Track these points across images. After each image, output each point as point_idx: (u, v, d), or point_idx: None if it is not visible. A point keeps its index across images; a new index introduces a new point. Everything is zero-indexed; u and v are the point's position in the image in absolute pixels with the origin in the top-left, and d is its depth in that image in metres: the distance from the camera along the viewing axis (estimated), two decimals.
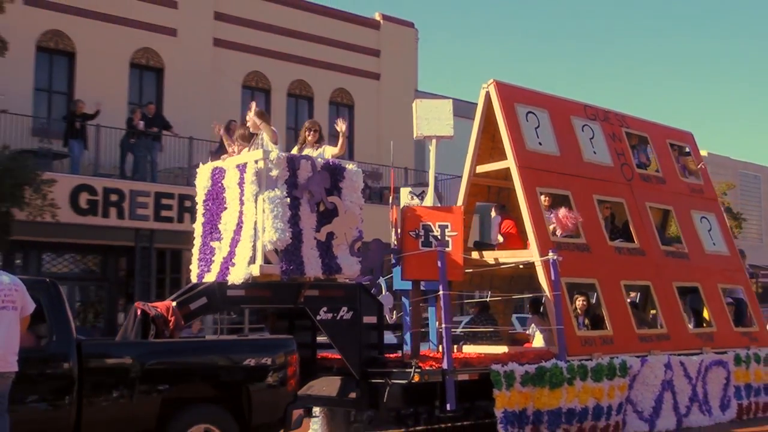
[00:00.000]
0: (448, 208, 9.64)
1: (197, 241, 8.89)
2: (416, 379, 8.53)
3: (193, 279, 8.83)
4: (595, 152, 12.48)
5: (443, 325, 8.82)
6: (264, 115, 9.04)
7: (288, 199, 8.21)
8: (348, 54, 24.78)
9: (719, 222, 14.05)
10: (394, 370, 8.67)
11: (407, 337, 11.93)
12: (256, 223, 8.18)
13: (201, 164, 9.34)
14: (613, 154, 12.77)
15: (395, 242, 9.93)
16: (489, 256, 11.47)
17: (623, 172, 12.77)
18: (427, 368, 8.72)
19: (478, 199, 12.30)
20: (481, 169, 11.81)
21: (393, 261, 9.72)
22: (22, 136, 17.15)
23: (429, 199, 9.78)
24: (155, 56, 21.06)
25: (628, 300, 11.88)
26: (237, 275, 8.19)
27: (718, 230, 13.91)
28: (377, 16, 26.10)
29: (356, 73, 25.10)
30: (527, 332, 12.71)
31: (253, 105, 9.18)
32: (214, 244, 8.69)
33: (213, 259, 8.62)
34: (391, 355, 9.56)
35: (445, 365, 8.75)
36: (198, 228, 8.92)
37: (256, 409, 7.55)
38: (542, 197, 11.46)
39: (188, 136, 18.83)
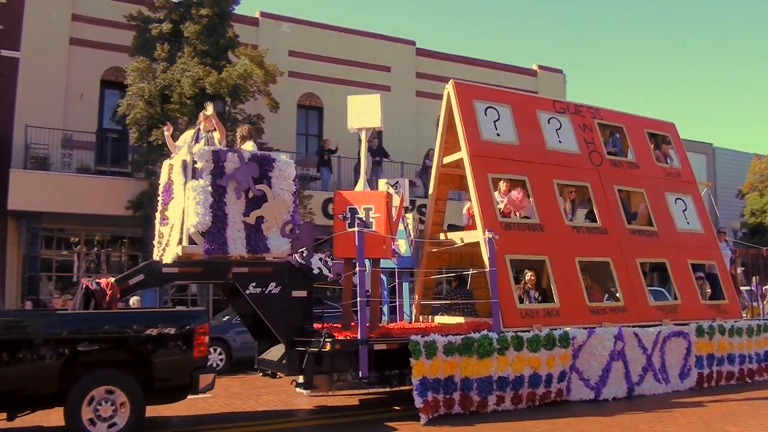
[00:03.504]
0: (373, 192, 8.24)
1: (156, 228, 8.10)
2: (327, 348, 7.27)
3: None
4: (560, 141, 10.58)
5: (359, 299, 7.46)
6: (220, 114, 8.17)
7: (210, 188, 7.26)
8: None
9: (695, 203, 11.63)
10: (312, 339, 7.43)
11: (385, 308, 10.71)
12: (184, 209, 7.30)
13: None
14: (581, 143, 10.78)
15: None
16: (453, 237, 9.93)
17: (591, 159, 10.75)
18: (341, 338, 7.43)
19: (450, 187, 10.74)
20: (446, 159, 10.27)
21: None
22: None
23: (360, 185, 8.44)
24: None
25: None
26: (169, 255, 7.39)
27: (694, 210, 11.51)
28: (534, 66, 25.39)
29: None
30: None
31: (211, 106, 8.25)
32: (164, 229, 7.85)
33: (162, 241, 7.78)
34: (326, 325, 8.32)
35: (359, 335, 7.41)
36: (157, 216, 8.12)
37: (158, 373, 6.68)
38: (501, 183, 9.79)
39: (400, 161, 19.64)
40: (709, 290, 11.12)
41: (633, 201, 11.38)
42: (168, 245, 7.58)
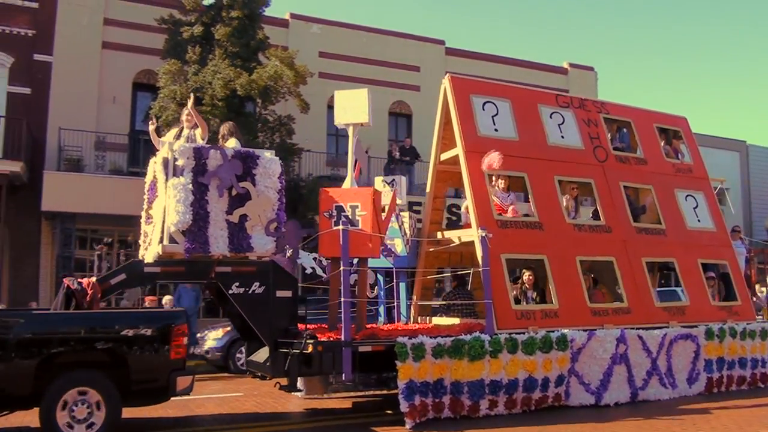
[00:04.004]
0: (359, 190, 7.96)
1: (142, 227, 7.95)
2: (309, 349, 7.03)
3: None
4: (562, 136, 10.20)
5: (342, 299, 7.21)
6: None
7: (191, 186, 7.08)
8: None
9: (707, 199, 11.15)
10: (295, 341, 7.20)
11: (381, 309, 10.46)
12: (165, 207, 7.13)
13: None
14: (585, 138, 10.39)
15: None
16: (451, 236, 9.62)
17: (595, 154, 10.35)
18: (324, 339, 7.18)
19: (449, 185, 10.43)
20: (443, 156, 9.97)
21: None
22: (319, 167, 18.92)
23: (347, 182, 8.18)
24: (406, 107, 21.82)
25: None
26: (150, 254, 7.22)
27: (705, 207, 11.03)
28: (565, 64, 25.09)
29: None
30: None
31: (191, 100, 8.08)
32: (147, 228, 7.70)
33: (146, 241, 7.63)
34: (310, 326, 8.09)
35: (342, 337, 7.16)
36: (143, 215, 7.97)
37: (134, 375, 6.50)
38: (499, 180, 9.47)
39: (428, 161, 19.63)
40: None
41: (641, 198, 10.95)
42: (151, 244, 7.44)
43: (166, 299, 12.92)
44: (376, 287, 10.36)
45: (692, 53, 69.70)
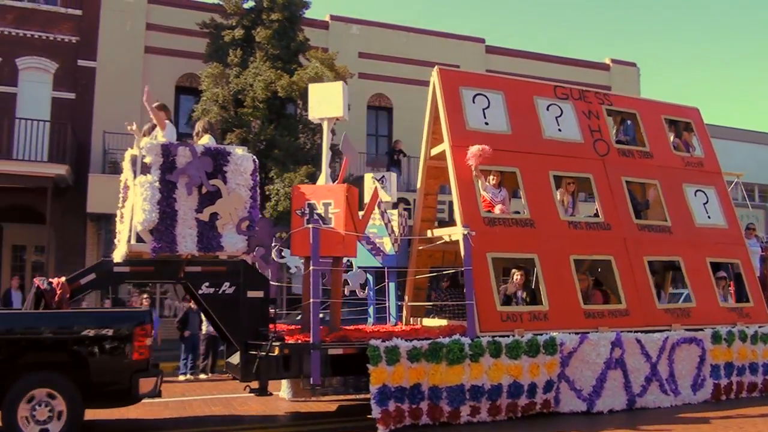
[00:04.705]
0: (332, 187, 7.65)
1: (117, 226, 7.80)
2: (275, 352, 6.76)
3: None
4: (560, 129, 9.73)
5: (311, 300, 6.92)
6: (164, 108, 7.79)
7: (158, 184, 6.89)
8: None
9: (719, 195, 10.51)
10: (263, 342, 6.94)
11: (371, 310, 10.15)
12: (133, 206, 6.97)
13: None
14: (584, 131, 9.90)
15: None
16: (441, 234, 9.24)
17: (596, 148, 9.85)
18: (291, 342, 6.91)
19: (440, 181, 10.05)
20: (433, 151, 9.60)
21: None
22: (360, 166, 18.65)
23: (322, 179, 7.88)
24: None
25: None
26: (118, 253, 7.06)
27: (717, 203, 10.41)
28: (607, 60, 24.67)
29: None
30: None
31: (145, 94, 7.88)
32: (121, 227, 7.55)
33: (119, 239, 7.49)
34: (283, 326, 7.82)
35: (311, 339, 6.87)
36: (118, 214, 7.82)
37: (94, 376, 6.33)
38: (490, 175, 9.07)
39: None
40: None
41: (648, 194, 10.38)
42: (120, 243, 7.28)
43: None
44: (366, 287, 10.07)
45: (742, 49, 67.32)
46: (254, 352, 6.97)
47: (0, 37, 17.04)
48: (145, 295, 12.54)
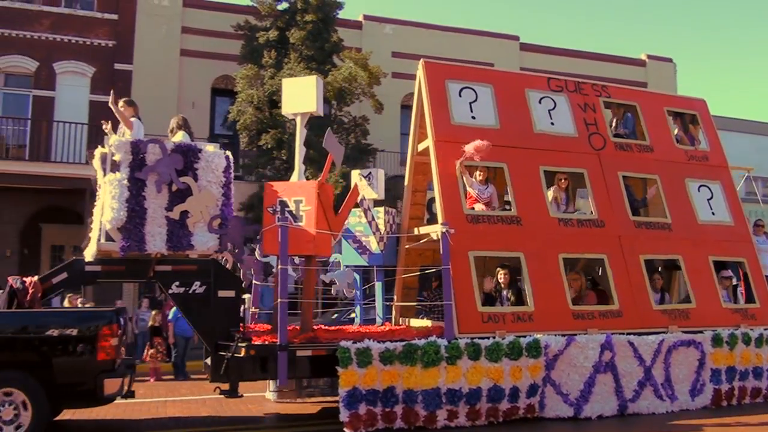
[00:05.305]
0: (304, 183, 7.43)
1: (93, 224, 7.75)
2: (242, 353, 6.59)
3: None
4: (552, 123, 9.37)
5: (279, 300, 6.73)
6: (131, 104, 7.74)
7: (126, 181, 6.81)
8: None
9: (725, 190, 10.01)
10: (230, 343, 6.77)
11: (357, 310, 9.94)
12: (103, 204, 6.91)
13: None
14: (579, 124, 9.51)
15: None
16: (427, 231, 8.96)
17: (591, 142, 9.46)
18: (258, 343, 6.72)
19: (428, 178, 9.75)
20: (420, 147, 9.31)
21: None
22: (394, 166, 18.84)
23: (295, 176, 7.67)
24: None
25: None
26: (89, 253, 7.01)
27: (722, 199, 9.90)
28: (643, 56, 24.37)
29: None
30: None
31: (111, 95, 7.77)
32: (93, 225, 7.48)
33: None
34: (255, 326, 7.63)
35: (278, 340, 6.67)
36: (94, 213, 7.76)
37: (59, 376, 6.26)
38: (476, 171, 8.76)
39: None
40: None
41: (648, 190, 9.95)
42: (90, 242, 7.22)
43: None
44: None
45: None
46: (223, 353, 6.82)
47: (38, 42, 17.45)
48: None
